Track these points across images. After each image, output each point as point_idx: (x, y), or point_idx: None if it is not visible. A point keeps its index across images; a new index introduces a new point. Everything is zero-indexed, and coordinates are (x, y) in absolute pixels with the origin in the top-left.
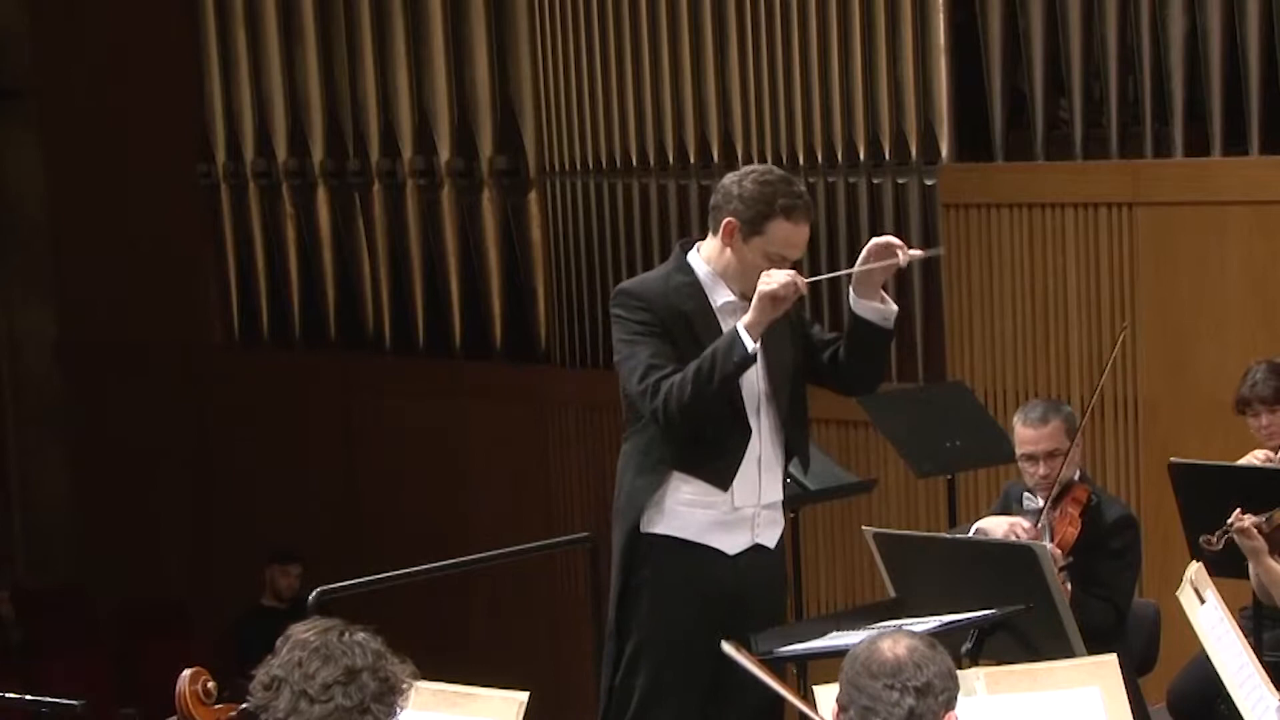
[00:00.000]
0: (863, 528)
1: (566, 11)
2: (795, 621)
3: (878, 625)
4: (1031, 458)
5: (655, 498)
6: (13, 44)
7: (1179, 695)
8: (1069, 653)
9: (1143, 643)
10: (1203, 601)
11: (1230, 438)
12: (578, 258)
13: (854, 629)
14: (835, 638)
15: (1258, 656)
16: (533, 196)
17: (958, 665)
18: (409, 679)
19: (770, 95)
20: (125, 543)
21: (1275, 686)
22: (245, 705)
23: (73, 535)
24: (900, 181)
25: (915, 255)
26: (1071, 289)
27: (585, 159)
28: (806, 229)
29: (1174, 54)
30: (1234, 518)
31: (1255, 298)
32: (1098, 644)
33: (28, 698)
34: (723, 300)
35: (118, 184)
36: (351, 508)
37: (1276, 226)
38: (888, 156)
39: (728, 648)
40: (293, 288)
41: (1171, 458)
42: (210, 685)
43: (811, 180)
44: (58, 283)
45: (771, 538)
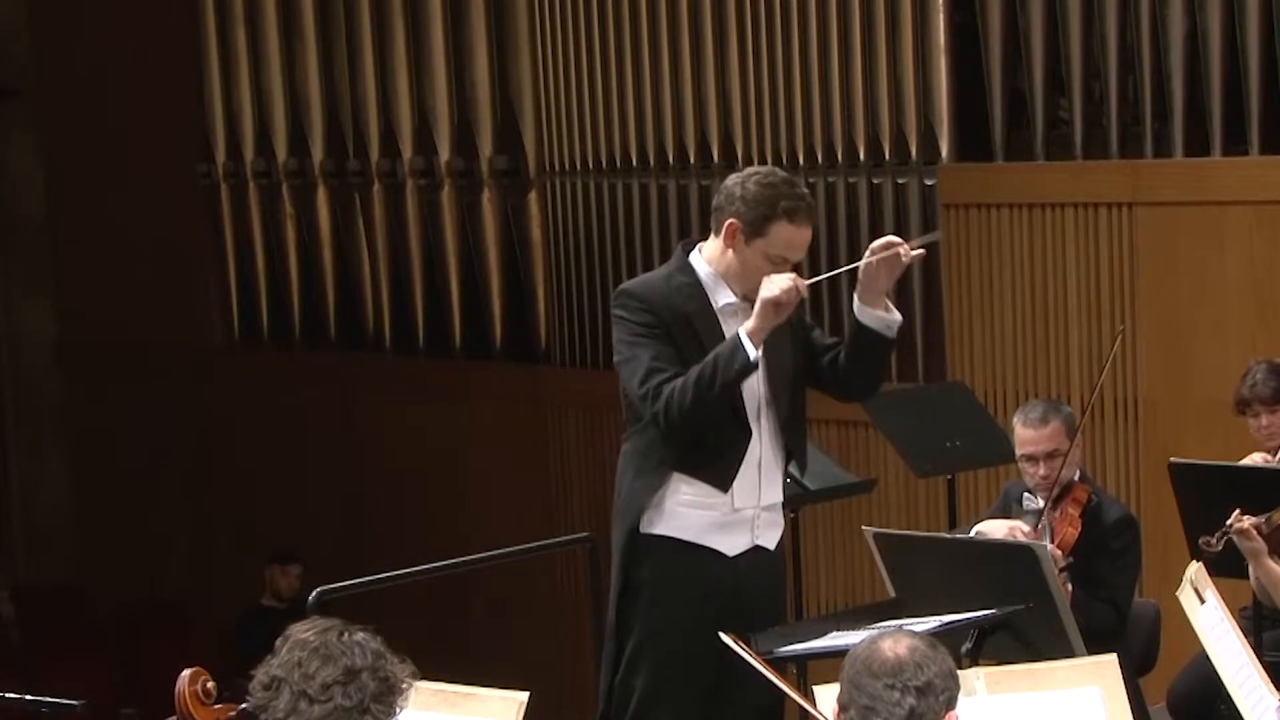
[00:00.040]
0: (863, 528)
1: (566, 11)
2: (795, 621)
3: (878, 625)
4: (1031, 458)
5: (655, 498)
6: (12, 44)
7: (1179, 695)
8: (1069, 653)
9: (1143, 643)
10: (1203, 601)
11: (1230, 438)
12: (578, 258)
13: (854, 629)
14: (835, 638)
15: (1258, 656)
16: (533, 196)
17: (958, 665)
18: (409, 679)
19: (770, 95)
20: (125, 543)
21: (1275, 686)
22: (245, 705)
23: (73, 535)
24: (900, 181)
25: (917, 254)
26: (1071, 289)
27: (585, 159)
28: (809, 231)
29: (1174, 54)
30: (1233, 519)
31: (1255, 298)
32: (1098, 644)
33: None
34: (724, 301)
35: (118, 184)
36: (351, 508)
37: (1276, 226)
38: (888, 156)
39: (726, 639)
40: (293, 288)
41: (1171, 458)
42: (210, 685)
43: (811, 180)
44: (57, 282)
45: (771, 539)
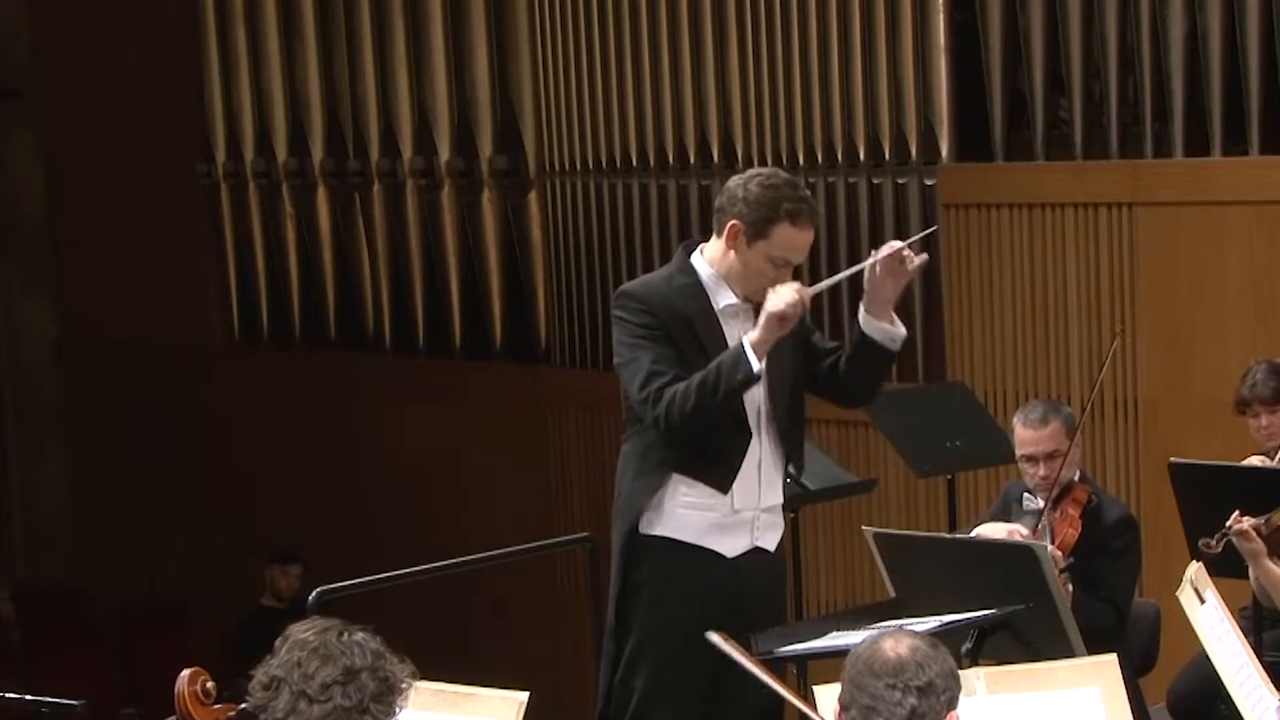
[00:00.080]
0: (863, 528)
1: (566, 11)
2: (795, 621)
3: (878, 625)
4: (1031, 459)
5: (654, 500)
6: (12, 44)
7: (1179, 695)
8: (1069, 653)
9: (1143, 643)
10: (1203, 601)
11: (1230, 438)
12: (578, 258)
13: (854, 629)
14: (835, 638)
15: (1258, 656)
16: (533, 196)
17: (958, 665)
18: (408, 679)
19: (770, 95)
20: (125, 543)
21: (1275, 686)
22: (244, 705)
23: (73, 535)
24: (900, 181)
25: (922, 260)
26: (1071, 289)
27: (585, 159)
28: (811, 233)
29: (1174, 54)
30: (1233, 520)
31: (1255, 298)
32: (1098, 644)
33: (28, 698)
34: (725, 303)
35: (118, 184)
36: (352, 508)
37: (1276, 226)
38: (888, 156)
39: (716, 638)
40: (293, 288)
41: (1171, 458)
42: (209, 685)
43: (811, 180)
44: (57, 282)
45: (771, 541)
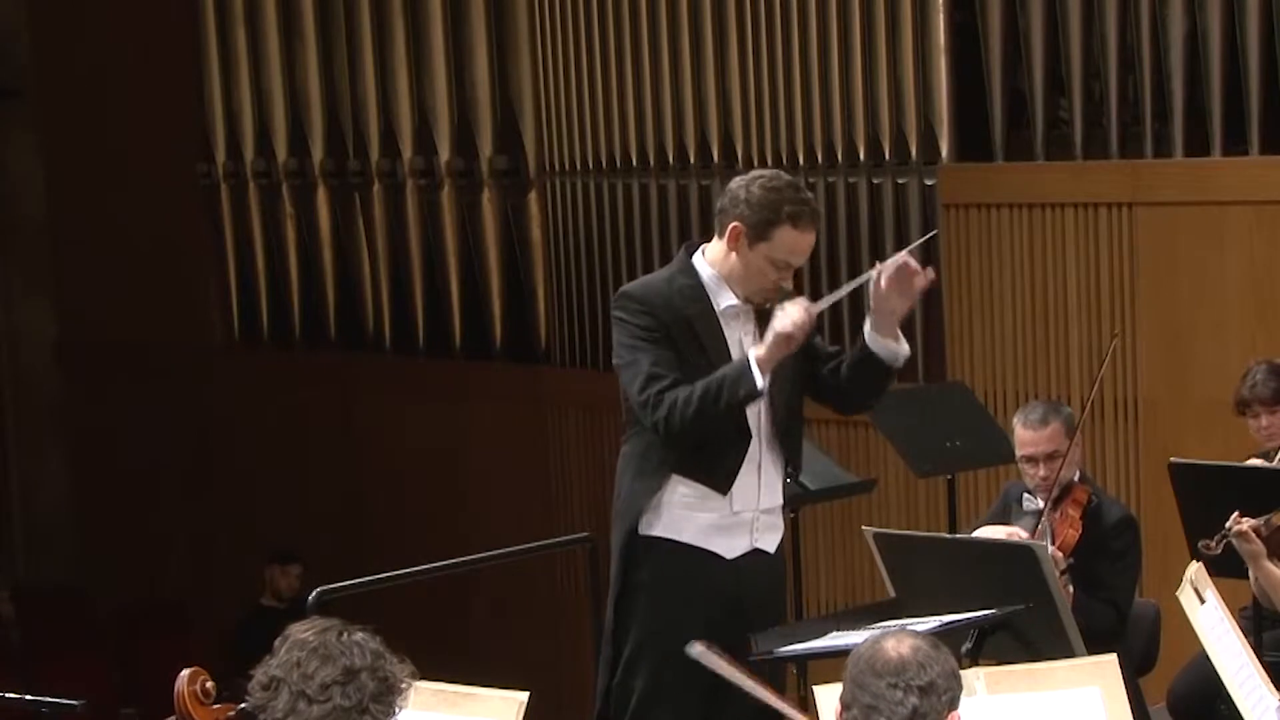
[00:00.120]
0: (863, 528)
1: (566, 11)
2: (795, 621)
3: (878, 625)
4: (1031, 459)
5: (654, 500)
6: (12, 44)
7: (1179, 695)
8: (1069, 653)
9: (1143, 643)
10: (1203, 601)
11: (1230, 438)
12: (578, 258)
13: (854, 629)
14: (835, 638)
15: (1258, 656)
16: (533, 196)
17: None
18: (408, 679)
19: (770, 95)
20: (125, 543)
21: (1275, 686)
22: (244, 705)
23: (73, 535)
24: (900, 181)
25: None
26: (1071, 289)
27: (585, 159)
28: (812, 236)
29: (1174, 54)
30: (1232, 521)
31: (1255, 298)
32: (1098, 644)
33: (28, 698)
34: (726, 304)
35: (118, 184)
36: (352, 508)
37: (1276, 226)
38: (888, 156)
39: (698, 649)
40: (293, 288)
41: (1171, 458)
42: (209, 685)
43: (811, 180)
44: (57, 283)
45: (771, 542)
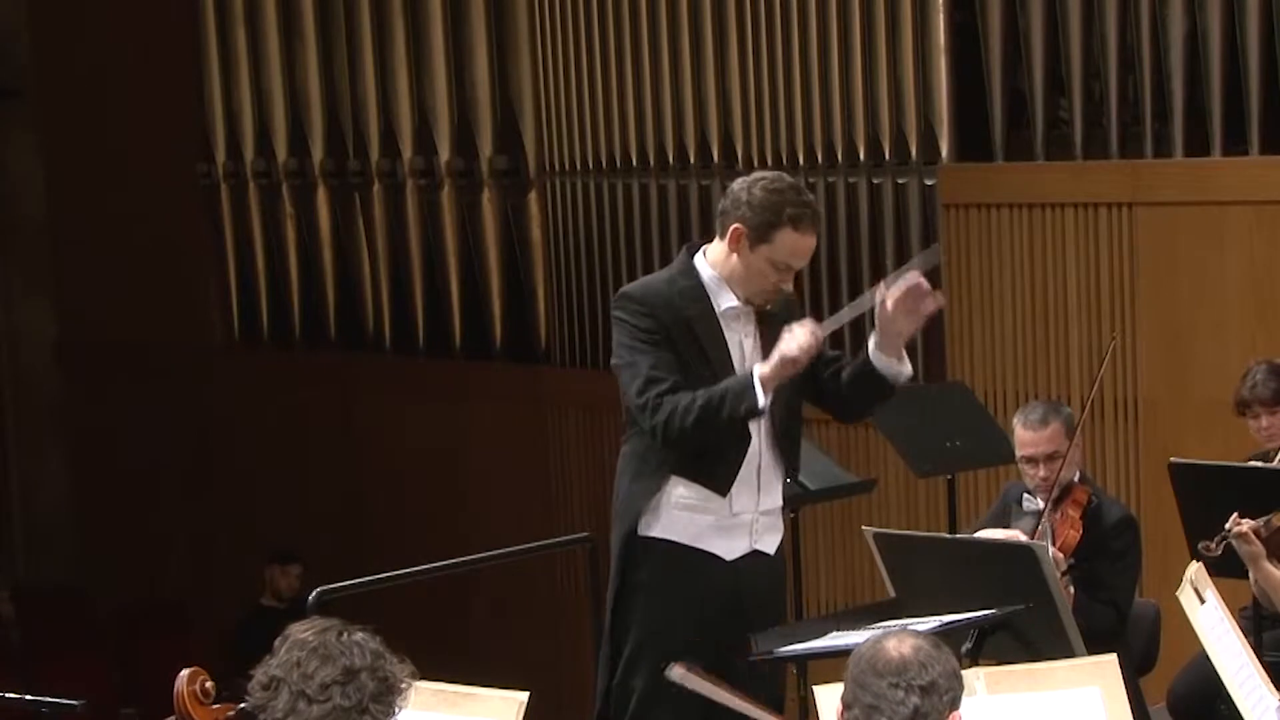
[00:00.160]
0: (863, 528)
1: (566, 11)
2: (795, 621)
3: (878, 625)
4: (1031, 460)
5: (653, 502)
6: (12, 44)
7: (1179, 695)
8: (1069, 653)
9: (1143, 643)
10: (1203, 601)
11: (1230, 438)
12: (578, 258)
13: (854, 629)
14: (835, 638)
15: (1258, 656)
16: (533, 196)
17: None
18: (408, 679)
19: (770, 95)
20: (125, 543)
21: (1275, 686)
22: (244, 705)
23: (73, 535)
24: (900, 181)
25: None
26: (1071, 289)
27: (585, 159)
28: (814, 239)
29: (1174, 54)
30: (1231, 523)
31: (1255, 298)
32: (1098, 644)
33: (28, 698)
34: (726, 305)
35: (118, 184)
36: (352, 508)
37: (1276, 226)
38: (888, 156)
39: (678, 672)
40: (293, 288)
41: (1171, 458)
42: (208, 685)
43: (811, 180)
44: (57, 283)
45: (771, 544)
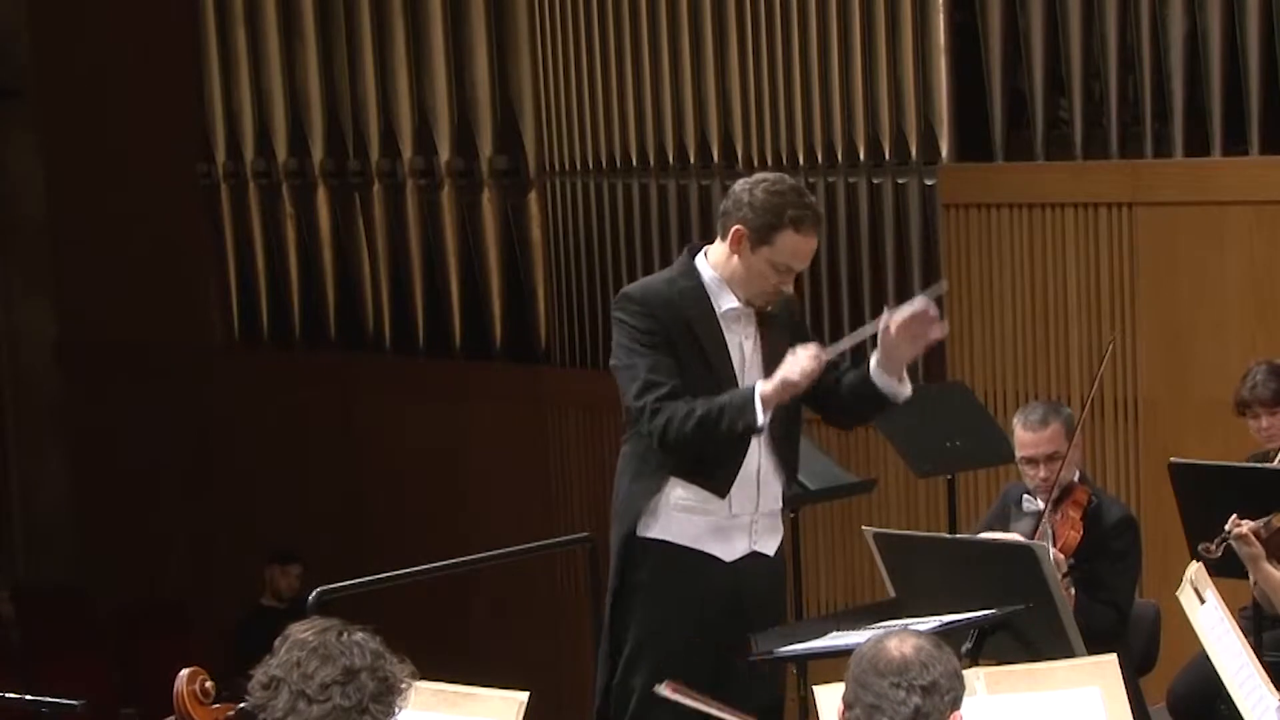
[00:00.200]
0: (863, 528)
1: (566, 11)
2: (795, 621)
3: (878, 625)
4: (1031, 461)
5: (652, 503)
6: (12, 44)
7: (1179, 695)
8: (1069, 653)
9: (1143, 643)
10: (1203, 601)
11: (1230, 438)
12: (578, 258)
13: (854, 629)
14: (835, 638)
15: (1258, 656)
16: (533, 196)
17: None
18: (408, 679)
19: (770, 95)
20: (125, 543)
21: (1275, 686)
22: (244, 705)
23: (73, 535)
24: (900, 181)
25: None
26: (1071, 289)
27: (585, 159)
28: (815, 241)
29: (1174, 54)
30: (1231, 524)
31: (1255, 298)
32: (1098, 644)
33: (28, 698)
34: (727, 306)
35: (118, 184)
36: (352, 508)
37: (1276, 226)
38: (888, 156)
39: (665, 690)
40: (293, 288)
41: (1171, 458)
42: (208, 685)
43: (811, 180)
44: (57, 283)
45: (770, 545)
